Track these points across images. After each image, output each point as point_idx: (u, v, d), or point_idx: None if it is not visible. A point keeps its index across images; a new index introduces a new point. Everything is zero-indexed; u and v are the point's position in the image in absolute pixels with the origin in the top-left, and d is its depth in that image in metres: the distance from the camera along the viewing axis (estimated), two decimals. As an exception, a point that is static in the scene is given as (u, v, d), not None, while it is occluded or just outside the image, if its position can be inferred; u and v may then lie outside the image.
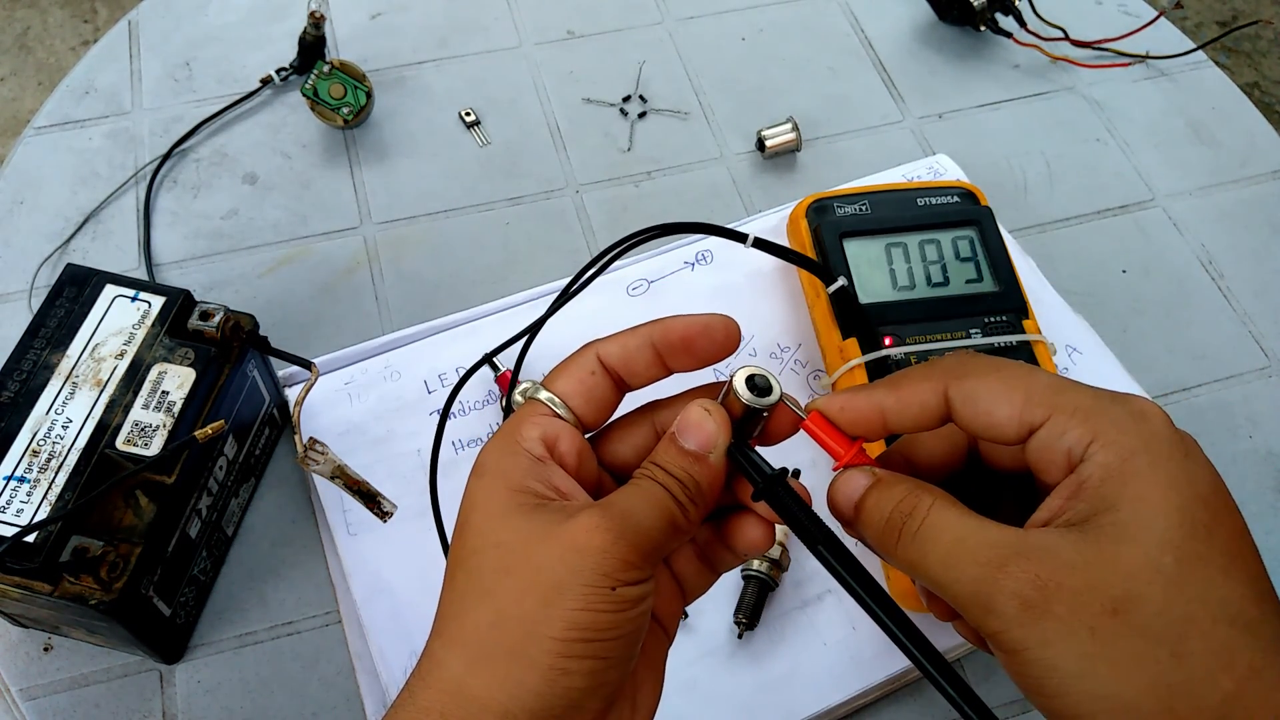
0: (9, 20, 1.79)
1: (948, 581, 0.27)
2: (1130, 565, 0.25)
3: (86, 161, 0.62)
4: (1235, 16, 1.90)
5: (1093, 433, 0.27)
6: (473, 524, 0.29)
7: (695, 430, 0.29)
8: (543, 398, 0.30)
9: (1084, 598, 0.25)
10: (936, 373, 0.30)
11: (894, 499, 0.29)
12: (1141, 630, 0.25)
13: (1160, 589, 0.25)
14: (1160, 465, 0.26)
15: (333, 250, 0.59)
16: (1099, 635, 0.25)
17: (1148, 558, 0.25)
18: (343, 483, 0.41)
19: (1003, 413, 0.28)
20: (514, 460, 0.29)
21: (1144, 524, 0.25)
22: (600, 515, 0.27)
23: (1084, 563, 0.25)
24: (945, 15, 0.72)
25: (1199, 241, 0.63)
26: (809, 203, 0.55)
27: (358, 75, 0.62)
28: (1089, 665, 0.25)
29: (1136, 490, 0.26)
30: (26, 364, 0.43)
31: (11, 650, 0.46)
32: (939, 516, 0.28)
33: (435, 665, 0.28)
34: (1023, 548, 0.26)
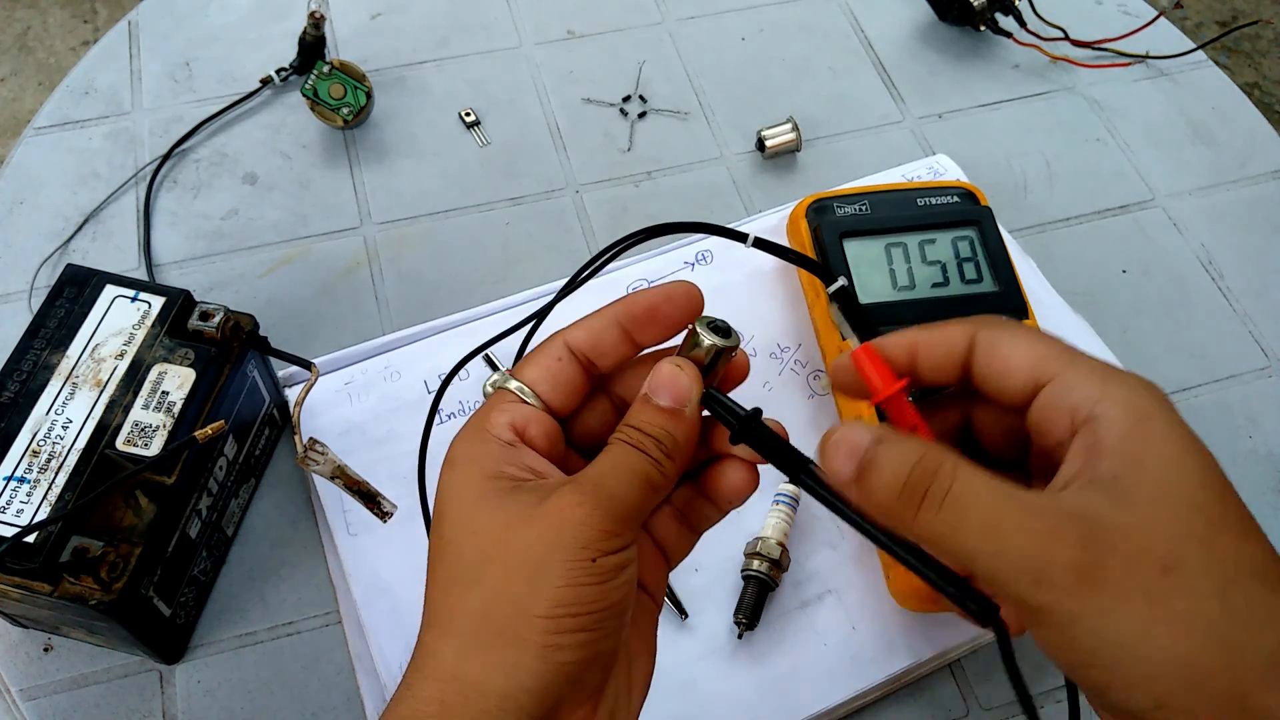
0: (9, 20, 1.79)
1: (990, 553, 0.25)
2: (1171, 525, 0.25)
3: (86, 162, 0.62)
4: (1235, 16, 1.90)
5: (1102, 391, 0.27)
6: (449, 515, 0.29)
7: (669, 386, 0.29)
8: (511, 386, 0.30)
9: (1136, 560, 0.24)
10: (969, 321, 0.30)
11: (911, 457, 0.26)
12: (1191, 589, 0.24)
13: (1199, 548, 0.25)
14: (1175, 429, 0.26)
15: (333, 250, 0.59)
16: (1154, 597, 0.24)
17: (1182, 518, 0.25)
18: (343, 483, 0.41)
19: (1018, 361, 0.28)
20: (484, 447, 0.29)
21: (1175, 485, 0.25)
22: (574, 489, 0.27)
23: (1128, 524, 0.25)
24: (945, 15, 0.72)
25: (1199, 241, 0.63)
26: (809, 203, 0.55)
27: (358, 75, 0.62)
28: (1147, 628, 0.24)
29: (1160, 451, 0.26)
30: (26, 364, 0.43)
31: (12, 651, 0.46)
32: (971, 481, 0.26)
33: (429, 656, 0.28)
34: (1068, 514, 0.25)
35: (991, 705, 0.47)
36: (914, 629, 0.46)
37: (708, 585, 0.47)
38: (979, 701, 0.47)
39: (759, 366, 0.54)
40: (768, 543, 0.46)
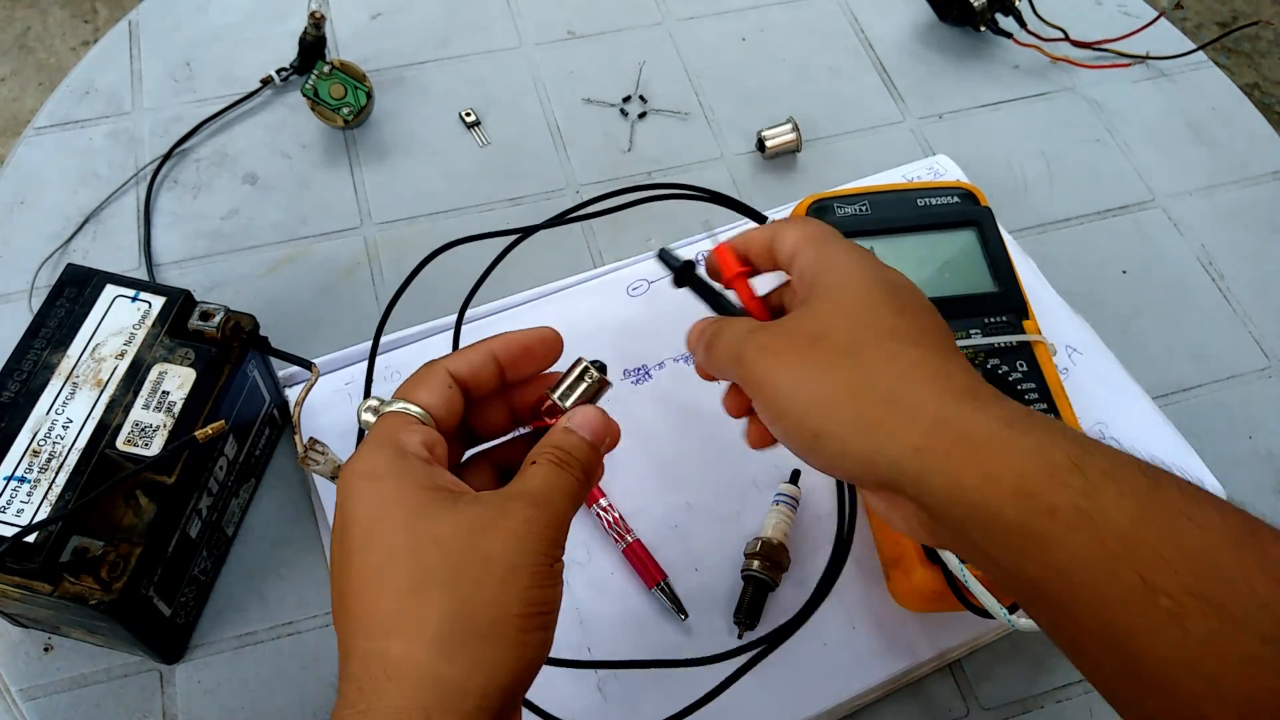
0: (9, 20, 1.79)
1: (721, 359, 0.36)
2: (824, 311, 0.34)
3: (87, 162, 0.62)
4: (1235, 17, 1.90)
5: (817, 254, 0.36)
6: (389, 523, 0.31)
7: (592, 425, 0.35)
8: (414, 411, 0.34)
9: (794, 335, 0.34)
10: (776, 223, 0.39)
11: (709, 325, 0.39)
12: (831, 349, 0.33)
13: (845, 322, 0.34)
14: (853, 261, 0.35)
15: (333, 250, 0.59)
16: (805, 358, 0.33)
17: (836, 306, 0.34)
18: (343, 483, 0.41)
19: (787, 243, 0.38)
20: (407, 463, 0.32)
21: (834, 288, 0.35)
22: (528, 502, 0.32)
23: (795, 318, 0.35)
24: (945, 16, 0.72)
25: (1199, 242, 0.63)
26: (809, 203, 0.55)
27: (358, 75, 0.62)
28: (798, 377, 0.33)
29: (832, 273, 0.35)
30: (27, 364, 0.43)
31: (12, 650, 0.46)
32: (728, 325, 0.37)
33: (396, 665, 0.29)
34: (765, 325, 0.36)
35: (991, 705, 0.47)
36: (914, 629, 0.46)
37: (707, 585, 0.47)
38: (979, 701, 0.47)
39: (759, 367, 0.54)
40: (769, 543, 0.46)
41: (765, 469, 0.50)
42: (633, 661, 0.45)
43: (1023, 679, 0.48)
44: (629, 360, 0.54)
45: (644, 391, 0.53)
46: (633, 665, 0.45)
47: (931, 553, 0.43)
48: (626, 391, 0.53)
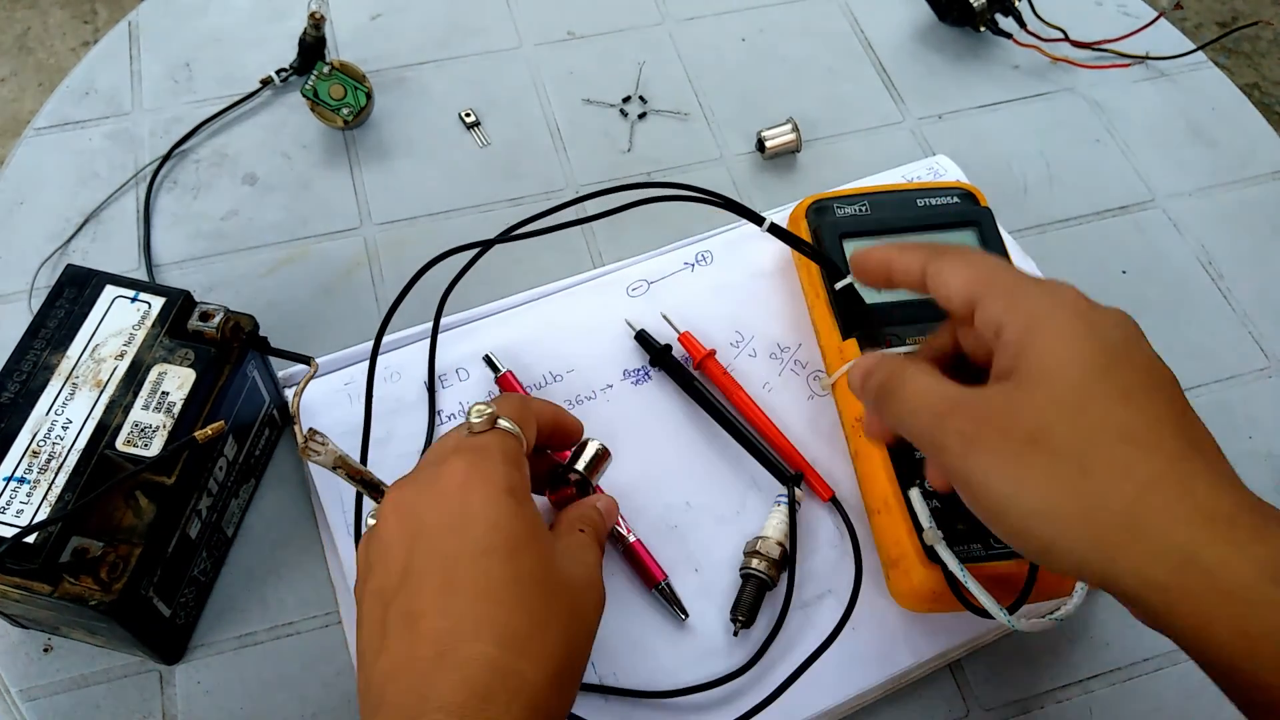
0: (9, 21, 1.79)
1: (911, 426, 0.35)
2: (1039, 403, 0.31)
3: (87, 162, 0.62)
4: (1235, 17, 1.90)
5: (1009, 305, 0.33)
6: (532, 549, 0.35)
7: (614, 513, 0.43)
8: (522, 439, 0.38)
9: (1007, 432, 0.31)
10: (926, 247, 0.37)
11: (885, 369, 0.36)
12: (1053, 453, 0.30)
13: (1065, 419, 0.31)
14: (1061, 324, 0.32)
15: (333, 251, 0.59)
16: (1022, 460, 0.31)
17: (1052, 396, 0.31)
18: (345, 474, 0.41)
19: (955, 287, 0.35)
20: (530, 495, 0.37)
21: (1047, 369, 0.31)
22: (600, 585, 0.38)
23: (1005, 405, 0.32)
24: (945, 16, 0.72)
25: (1199, 242, 0.63)
26: (809, 203, 0.55)
27: (358, 76, 0.62)
28: (1018, 486, 0.31)
29: (1041, 343, 0.32)
30: (26, 365, 0.43)
31: (11, 651, 0.46)
32: (916, 381, 0.35)
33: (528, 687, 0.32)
34: (963, 398, 0.33)
35: (992, 705, 0.47)
36: (914, 629, 0.46)
37: (707, 585, 0.47)
38: (979, 702, 0.47)
39: (759, 367, 0.54)
40: (767, 542, 0.46)
41: (764, 469, 0.50)
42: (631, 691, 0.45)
43: (1023, 679, 0.48)
44: (628, 361, 0.54)
45: (644, 392, 0.53)
46: (630, 695, 0.45)
47: (931, 553, 0.43)
48: (626, 392, 0.53)
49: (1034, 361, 0.32)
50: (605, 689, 0.44)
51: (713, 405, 0.51)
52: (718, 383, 0.52)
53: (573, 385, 0.53)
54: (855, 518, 0.49)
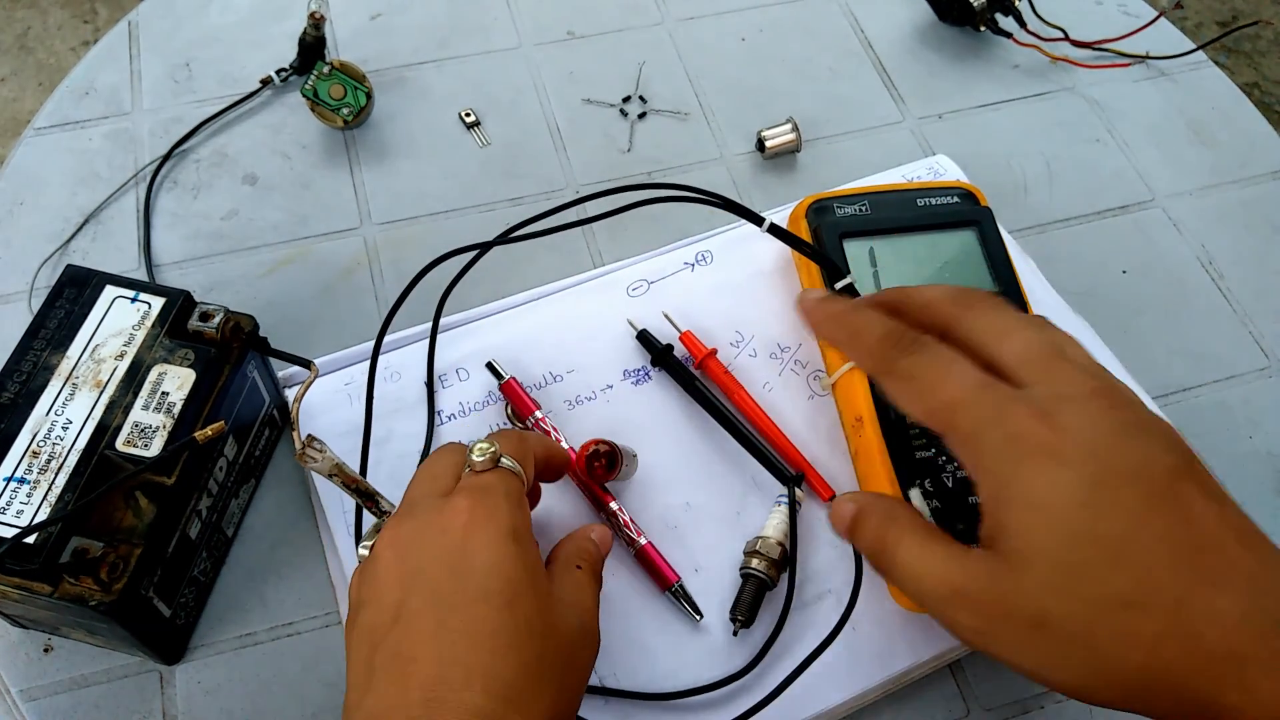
0: (9, 21, 1.79)
1: (917, 602, 0.35)
2: (1031, 588, 0.30)
3: (86, 162, 0.62)
4: (1235, 17, 1.90)
5: (971, 462, 0.33)
6: (530, 596, 0.34)
7: (609, 541, 0.42)
8: (523, 478, 0.38)
9: (1011, 620, 0.31)
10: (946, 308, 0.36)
11: (870, 532, 0.35)
12: (1058, 636, 0.30)
13: (1062, 601, 0.30)
14: (1028, 485, 0.31)
15: (333, 251, 0.59)
16: (1033, 645, 0.31)
17: (1041, 578, 0.30)
18: (341, 481, 0.41)
19: (914, 416, 0.35)
20: (533, 537, 0.36)
21: (1031, 548, 0.30)
22: (595, 633, 0.38)
23: (1003, 592, 0.31)
24: (945, 16, 0.72)
25: (1199, 242, 0.63)
26: (809, 203, 0.55)
27: (358, 76, 0.62)
28: (1038, 665, 0.31)
29: (1016, 518, 0.31)
30: (26, 365, 0.43)
31: (11, 651, 0.46)
32: (904, 554, 0.34)
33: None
34: (962, 584, 0.32)
35: (992, 706, 0.47)
36: (914, 629, 0.46)
37: (707, 585, 0.47)
38: (979, 702, 0.47)
39: (759, 367, 0.54)
40: (767, 542, 0.46)
41: (765, 470, 0.50)
42: (632, 693, 0.45)
43: (1023, 680, 0.48)
44: (628, 361, 0.54)
45: (644, 392, 0.53)
46: (631, 697, 0.45)
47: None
48: (627, 392, 0.53)
49: (1014, 539, 0.31)
50: (606, 691, 0.44)
51: (714, 405, 0.51)
52: (719, 382, 0.52)
53: (573, 385, 0.53)
54: (855, 518, 0.49)
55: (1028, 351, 0.33)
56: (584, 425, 0.51)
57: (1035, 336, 0.34)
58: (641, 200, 0.54)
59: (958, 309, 0.35)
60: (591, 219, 0.55)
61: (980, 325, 0.35)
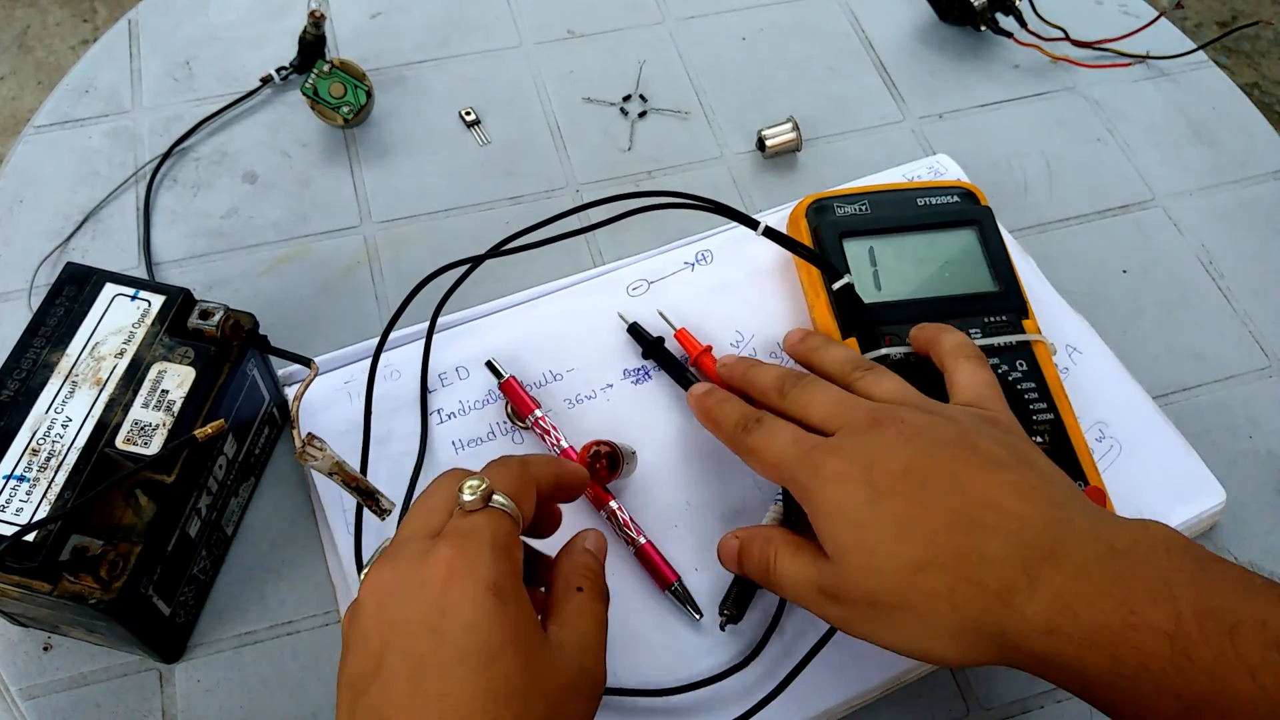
0: (9, 19, 1.79)
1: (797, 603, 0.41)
2: (854, 575, 0.37)
3: (86, 160, 0.62)
4: (1235, 17, 1.90)
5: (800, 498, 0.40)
6: (510, 657, 0.33)
7: (604, 546, 0.42)
8: (517, 517, 0.37)
9: (857, 607, 0.37)
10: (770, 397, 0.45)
11: (754, 557, 0.42)
12: (889, 611, 0.36)
13: (875, 579, 0.36)
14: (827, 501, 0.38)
15: (333, 249, 0.59)
16: (881, 624, 0.37)
17: (857, 566, 0.37)
18: (340, 479, 0.41)
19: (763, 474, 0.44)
20: (522, 589, 0.35)
21: (841, 545, 0.38)
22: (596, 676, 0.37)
23: (840, 583, 0.38)
24: (946, 15, 0.72)
25: (1199, 242, 0.63)
26: (809, 202, 0.55)
27: (358, 74, 0.62)
28: (897, 642, 0.37)
29: (825, 526, 0.38)
30: (26, 363, 0.43)
31: (11, 649, 0.46)
32: (781, 566, 0.40)
33: None
34: (818, 583, 0.39)
35: (992, 706, 0.47)
36: (914, 629, 0.46)
37: (707, 584, 0.47)
38: (979, 702, 0.47)
39: (759, 366, 0.54)
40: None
41: (765, 468, 0.50)
42: (630, 690, 0.45)
43: (1022, 679, 0.48)
44: (629, 360, 0.54)
45: (643, 391, 0.53)
46: (628, 694, 0.45)
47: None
48: (627, 391, 0.53)
49: (829, 545, 0.38)
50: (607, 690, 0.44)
51: None
52: (713, 379, 0.52)
53: (573, 384, 0.53)
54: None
55: (827, 411, 0.42)
56: (584, 424, 0.51)
57: (830, 399, 0.42)
58: (636, 209, 0.54)
59: (777, 396, 0.44)
60: (588, 228, 0.55)
61: (795, 404, 0.43)
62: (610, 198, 0.54)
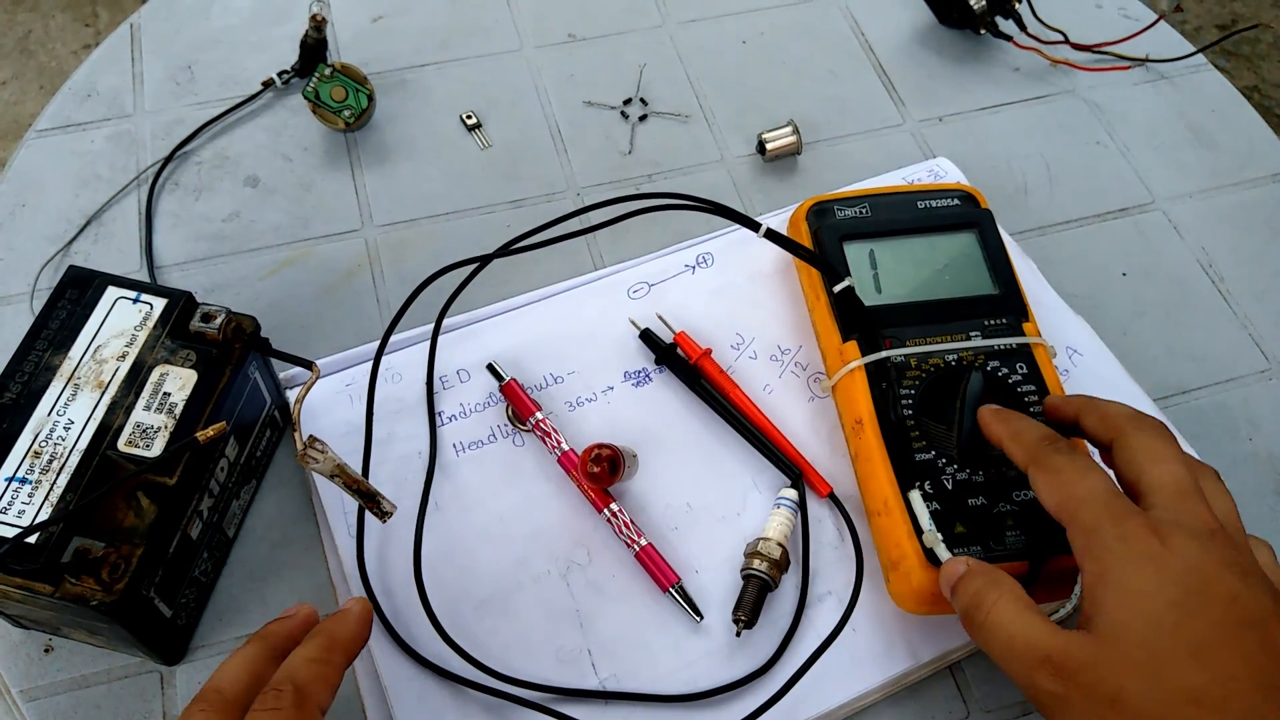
0: (11, 24, 1.79)
1: (1001, 664, 0.37)
2: (1115, 663, 0.33)
3: (88, 164, 0.62)
4: (1235, 20, 1.91)
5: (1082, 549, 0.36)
6: None
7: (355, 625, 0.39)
8: None
9: (1091, 693, 0.33)
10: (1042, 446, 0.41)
11: (971, 590, 0.39)
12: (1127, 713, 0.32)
13: (1138, 682, 0.32)
14: (1130, 575, 0.34)
15: (334, 253, 0.59)
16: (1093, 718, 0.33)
17: (1125, 656, 0.33)
18: (342, 482, 0.41)
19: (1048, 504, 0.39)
20: None
21: (1118, 626, 0.34)
22: None
23: (1087, 663, 0.34)
24: (945, 18, 0.72)
25: (1199, 244, 0.63)
26: (809, 205, 0.55)
27: (359, 78, 0.62)
28: None
29: (1111, 599, 0.34)
30: (28, 366, 0.43)
31: (12, 652, 0.46)
32: (999, 614, 0.37)
33: None
34: (1050, 650, 0.35)
35: (992, 707, 0.47)
36: (914, 631, 0.46)
37: (707, 587, 0.47)
38: (979, 703, 0.47)
39: (759, 369, 0.54)
40: (768, 543, 0.47)
41: (765, 471, 0.50)
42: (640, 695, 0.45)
43: (1023, 681, 0.48)
44: (629, 363, 0.54)
45: (644, 394, 0.53)
46: (639, 699, 0.45)
47: (931, 555, 0.43)
48: (627, 394, 0.53)
49: (1108, 617, 0.34)
50: (607, 694, 0.44)
51: (717, 401, 0.51)
52: (714, 382, 0.52)
53: (573, 387, 0.53)
54: (855, 519, 0.49)
55: (1169, 480, 0.37)
56: (584, 427, 0.51)
57: (1182, 471, 0.37)
58: (638, 210, 0.54)
59: (1130, 425, 0.40)
60: (589, 229, 0.55)
61: (1143, 443, 0.39)
62: (612, 200, 0.54)
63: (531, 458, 0.50)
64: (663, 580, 0.47)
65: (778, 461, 0.50)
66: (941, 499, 0.45)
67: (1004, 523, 0.44)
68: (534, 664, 0.45)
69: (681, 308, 0.55)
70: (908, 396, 0.47)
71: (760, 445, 0.50)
